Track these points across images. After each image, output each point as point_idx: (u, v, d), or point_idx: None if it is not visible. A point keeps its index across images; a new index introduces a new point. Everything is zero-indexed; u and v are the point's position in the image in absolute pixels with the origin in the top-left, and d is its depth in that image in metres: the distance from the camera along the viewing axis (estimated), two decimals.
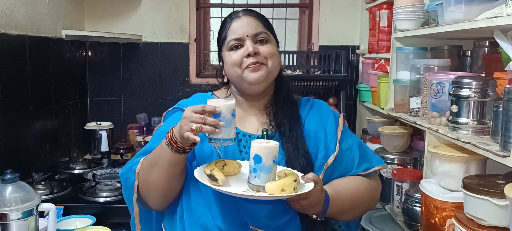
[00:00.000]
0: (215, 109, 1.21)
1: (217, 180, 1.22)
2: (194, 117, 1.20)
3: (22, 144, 2.40)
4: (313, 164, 1.41)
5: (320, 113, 1.50)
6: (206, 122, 1.19)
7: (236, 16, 1.45)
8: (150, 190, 1.36)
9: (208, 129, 1.19)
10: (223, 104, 1.23)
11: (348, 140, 1.49)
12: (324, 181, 1.40)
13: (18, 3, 2.36)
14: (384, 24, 2.53)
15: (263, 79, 1.40)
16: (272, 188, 1.18)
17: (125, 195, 1.44)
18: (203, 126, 1.19)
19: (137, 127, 3.29)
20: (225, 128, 1.22)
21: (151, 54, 3.34)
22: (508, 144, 1.26)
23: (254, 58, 1.38)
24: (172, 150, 1.26)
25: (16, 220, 1.54)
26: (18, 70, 2.35)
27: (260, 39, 1.41)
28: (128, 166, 1.43)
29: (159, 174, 1.31)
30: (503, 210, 1.27)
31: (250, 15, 1.45)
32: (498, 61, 1.64)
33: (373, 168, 1.50)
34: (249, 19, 1.43)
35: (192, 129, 1.19)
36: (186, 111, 1.24)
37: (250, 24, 1.42)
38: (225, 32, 1.44)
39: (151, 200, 1.39)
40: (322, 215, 1.33)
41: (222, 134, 1.22)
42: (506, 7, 1.33)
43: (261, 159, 1.20)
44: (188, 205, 1.37)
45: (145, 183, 1.36)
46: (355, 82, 3.31)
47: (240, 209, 1.33)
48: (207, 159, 1.37)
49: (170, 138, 1.26)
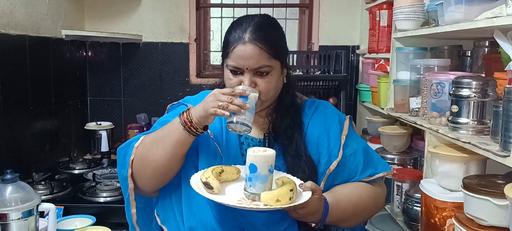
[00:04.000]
0: (245, 92, 1.26)
1: (213, 188, 1.21)
2: (222, 96, 1.24)
3: (22, 144, 2.40)
4: (316, 170, 1.38)
5: (324, 117, 1.46)
6: (234, 102, 1.23)
7: (242, 40, 1.32)
8: (147, 166, 1.34)
9: (234, 108, 1.22)
10: (250, 91, 1.28)
11: (352, 145, 1.44)
12: (326, 186, 1.39)
13: (18, 3, 2.36)
14: (384, 24, 2.53)
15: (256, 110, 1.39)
16: (267, 198, 1.17)
17: (120, 171, 1.41)
18: (230, 105, 1.22)
19: (137, 127, 3.29)
20: (249, 112, 1.25)
21: (151, 54, 3.34)
22: (508, 144, 1.26)
23: None
24: (185, 128, 1.27)
25: (16, 220, 1.54)
26: (18, 70, 2.35)
27: (261, 71, 1.34)
28: (128, 142, 1.41)
29: (163, 151, 1.31)
30: (503, 210, 1.27)
31: (255, 44, 1.32)
32: (498, 61, 1.64)
33: (378, 174, 1.45)
34: (253, 49, 1.31)
35: (219, 105, 1.22)
36: (214, 91, 1.27)
37: (253, 55, 1.31)
38: (229, 49, 1.35)
39: (146, 177, 1.36)
40: (321, 223, 1.31)
41: (245, 116, 1.25)
42: (506, 7, 1.33)
43: (256, 168, 1.19)
44: (187, 197, 1.36)
45: (143, 159, 1.34)
46: (355, 82, 3.31)
47: (238, 214, 1.32)
48: (210, 156, 1.36)
49: (186, 117, 1.28)
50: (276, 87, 1.40)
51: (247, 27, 1.34)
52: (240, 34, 1.33)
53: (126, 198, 1.42)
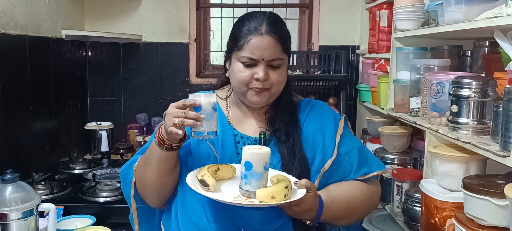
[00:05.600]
0: (195, 102, 1.24)
1: (209, 185, 1.22)
2: (176, 111, 1.23)
3: (22, 144, 2.40)
4: (309, 169, 1.40)
5: (319, 116, 1.48)
6: (188, 115, 1.22)
7: (258, 32, 1.35)
8: (145, 186, 1.40)
9: (189, 122, 1.22)
10: (204, 98, 1.25)
11: (347, 144, 1.46)
12: (321, 185, 1.40)
13: (18, 3, 2.36)
14: (384, 24, 2.53)
15: (263, 103, 1.43)
16: (262, 195, 1.18)
17: (124, 191, 1.48)
18: (185, 119, 1.22)
19: (137, 127, 3.30)
20: (206, 121, 1.24)
21: (151, 54, 3.34)
22: (508, 144, 1.26)
23: (262, 84, 1.37)
24: (161, 147, 1.29)
25: (16, 220, 1.54)
26: (18, 70, 2.35)
27: (274, 64, 1.37)
28: (128, 162, 1.47)
29: (151, 171, 1.35)
30: (503, 210, 1.27)
31: (272, 36, 1.35)
32: (498, 61, 1.64)
33: (372, 173, 1.47)
34: (270, 40, 1.35)
35: (175, 123, 1.22)
36: (169, 107, 1.26)
37: (269, 47, 1.35)
38: (242, 41, 1.36)
39: (147, 196, 1.43)
40: (316, 221, 1.32)
41: (203, 127, 1.24)
42: (506, 7, 1.33)
43: (251, 166, 1.20)
44: (182, 202, 1.38)
45: (140, 179, 1.40)
46: (355, 82, 3.31)
47: (233, 212, 1.33)
48: (203, 159, 1.38)
49: (158, 135, 1.30)
50: (284, 82, 1.43)
51: (263, 20, 1.37)
52: (256, 26, 1.36)
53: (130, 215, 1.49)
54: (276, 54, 1.36)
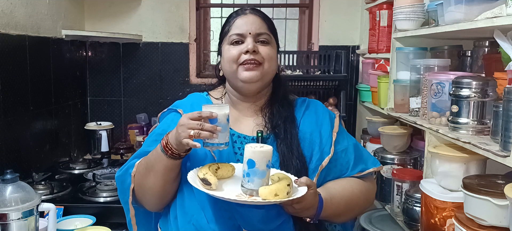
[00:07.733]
0: (212, 114, 1.23)
1: (211, 184, 1.22)
2: (191, 123, 1.22)
3: (22, 144, 2.40)
4: (307, 166, 1.40)
5: (315, 114, 1.49)
6: (204, 128, 1.21)
7: (243, 12, 1.45)
8: (146, 193, 1.38)
9: (206, 134, 1.21)
10: (218, 109, 1.25)
11: (343, 142, 1.48)
12: (318, 183, 1.40)
13: (18, 3, 2.36)
14: (384, 24, 2.53)
15: (256, 79, 1.40)
16: (266, 193, 1.18)
17: (121, 197, 1.46)
18: (202, 131, 1.21)
19: (137, 127, 3.30)
20: (221, 133, 1.24)
21: (151, 54, 3.34)
22: (508, 144, 1.26)
23: (252, 55, 1.38)
24: (167, 156, 1.28)
25: (16, 220, 1.54)
26: (18, 70, 2.35)
27: (262, 39, 1.41)
28: (124, 168, 1.44)
29: (155, 179, 1.33)
30: (503, 210, 1.27)
31: (256, 15, 1.44)
32: (498, 61, 1.64)
33: (368, 170, 1.49)
34: (254, 18, 1.43)
35: (190, 135, 1.21)
36: (182, 118, 1.25)
37: (255, 22, 1.42)
38: (228, 26, 1.44)
39: (147, 202, 1.42)
40: (316, 218, 1.33)
41: (218, 139, 1.24)
42: (506, 7, 1.33)
43: (254, 164, 1.20)
44: (181, 205, 1.38)
45: (140, 186, 1.38)
46: (355, 82, 3.31)
47: (234, 212, 1.33)
48: (201, 161, 1.37)
49: (165, 144, 1.28)
50: (275, 64, 1.46)
51: (247, 7, 1.48)
52: (239, 12, 1.46)
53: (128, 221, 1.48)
54: (262, 29, 1.42)
